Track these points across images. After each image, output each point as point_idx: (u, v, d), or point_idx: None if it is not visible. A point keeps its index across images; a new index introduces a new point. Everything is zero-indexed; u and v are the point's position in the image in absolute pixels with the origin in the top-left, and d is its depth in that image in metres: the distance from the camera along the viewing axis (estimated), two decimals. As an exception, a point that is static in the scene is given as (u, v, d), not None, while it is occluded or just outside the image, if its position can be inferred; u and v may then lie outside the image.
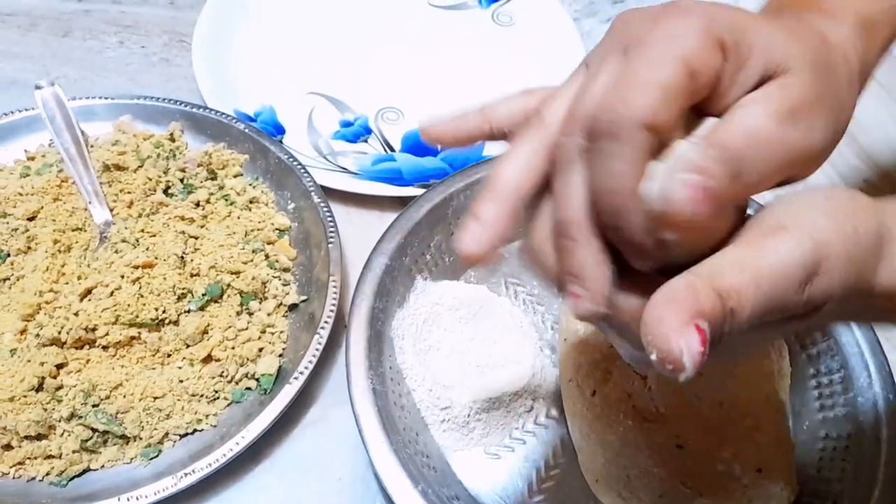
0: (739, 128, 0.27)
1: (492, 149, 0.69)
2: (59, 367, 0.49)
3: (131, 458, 0.48)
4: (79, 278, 0.52)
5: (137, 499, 0.44)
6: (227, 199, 0.60)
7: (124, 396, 0.49)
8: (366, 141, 0.70)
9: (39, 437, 0.48)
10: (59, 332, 0.49)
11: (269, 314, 0.54)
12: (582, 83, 0.31)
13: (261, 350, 0.53)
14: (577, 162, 0.29)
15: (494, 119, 0.36)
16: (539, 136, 0.32)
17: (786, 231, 0.27)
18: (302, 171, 0.61)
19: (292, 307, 0.56)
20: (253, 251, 0.56)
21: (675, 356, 0.24)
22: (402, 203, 0.62)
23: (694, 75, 0.27)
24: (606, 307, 0.28)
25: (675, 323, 0.24)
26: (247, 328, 0.53)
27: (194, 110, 0.65)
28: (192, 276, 0.54)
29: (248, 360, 0.52)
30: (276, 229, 0.59)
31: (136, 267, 0.52)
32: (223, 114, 0.65)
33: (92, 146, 0.62)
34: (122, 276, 0.51)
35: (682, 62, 0.26)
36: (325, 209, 0.58)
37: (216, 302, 0.53)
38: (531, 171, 0.31)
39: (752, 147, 0.27)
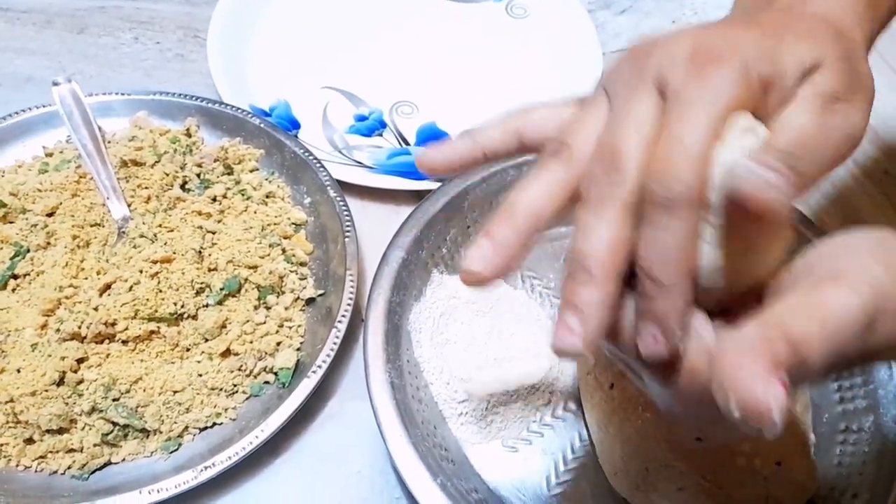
0: (788, 130, 0.29)
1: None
2: (80, 361, 0.50)
3: (152, 452, 0.49)
4: (98, 273, 0.53)
5: (158, 492, 0.45)
6: (243, 194, 0.60)
7: (144, 390, 0.49)
8: (381, 135, 0.70)
9: (61, 430, 0.48)
10: (80, 327, 0.49)
11: (286, 308, 0.54)
12: (611, 117, 0.31)
13: (279, 344, 0.53)
14: (611, 204, 0.29)
15: (488, 147, 0.36)
16: (564, 168, 0.31)
17: (843, 279, 0.26)
18: (317, 165, 0.61)
19: (309, 301, 0.56)
20: (270, 246, 0.56)
21: (763, 408, 0.23)
22: (418, 197, 0.62)
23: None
24: (592, 353, 0.28)
25: (759, 375, 0.24)
26: (265, 322, 0.53)
27: (210, 105, 0.65)
28: (209, 270, 0.54)
29: (266, 353, 0.52)
30: (293, 224, 0.60)
31: (155, 262, 0.52)
32: (238, 109, 0.65)
33: (109, 142, 0.62)
34: (141, 271, 0.52)
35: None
36: (342, 203, 0.58)
37: (234, 296, 0.54)
38: (552, 201, 0.31)
39: (803, 143, 0.29)
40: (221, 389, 0.51)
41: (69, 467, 0.48)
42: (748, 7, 0.39)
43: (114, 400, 0.49)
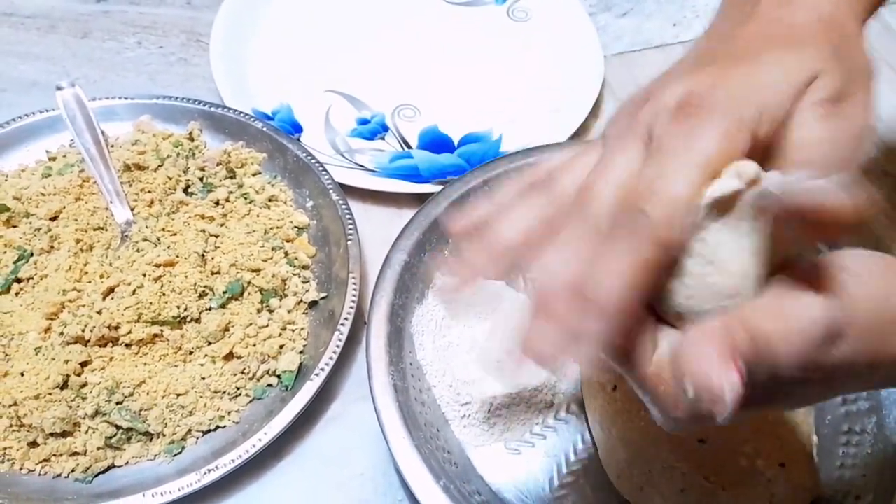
0: (797, 150, 0.30)
1: (508, 145, 0.69)
2: (84, 364, 0.50)
3: (155, 455, 0.49)
4: (101, 277, 0.53)
5: (162, 495, 0.45)
6: (246, 198, 0.60)
7: (147, 394, 0.50)
8: (383, 138, 0.70)
9: (64, 434, 0.48)
10: (83, 331, 0.50)
11: (289, 311, 0.54)
12: (597, 162, 0.31)
13: (282, 347, 0.53)
14: (574, 236, 0.29)
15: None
16: (546, 200, 0.33)
17: (825, 290, 0.27)
18: (320, 168, 0.61)
19: (312, 304, 0.56)
20: (272, 249, 0.57)
21: (716, 392, 0.24)
22: (420, 200, 0.62)
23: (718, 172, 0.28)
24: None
25: (714, 359, 0.25)
26: (267, 325, 0.53)
27: (213, 109, 0.65)
28: (212, 273, 0.54)
29: (269, 356, 0.52)
30: (296, 227, 0.60)
31: (158, 265, 0.52)
32: (241, 112, 0.65)
33: (112, 146, 0.62)
34: (144, 275, 0.52)
35: (706, 170, 0.28)
36: (344, 206, 0.59)
37: (237, 299, 0.54)
38: (528, 231, 0.32)
39: (815, 150, 0.30)
40: (224, 392, 0.51)
41: (73, 470, 0.48)
42: (734, 16, 0.38)
43: (117, 403, 0.49)
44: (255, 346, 0.52)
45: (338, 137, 0.69)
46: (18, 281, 0.53)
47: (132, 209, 0.57)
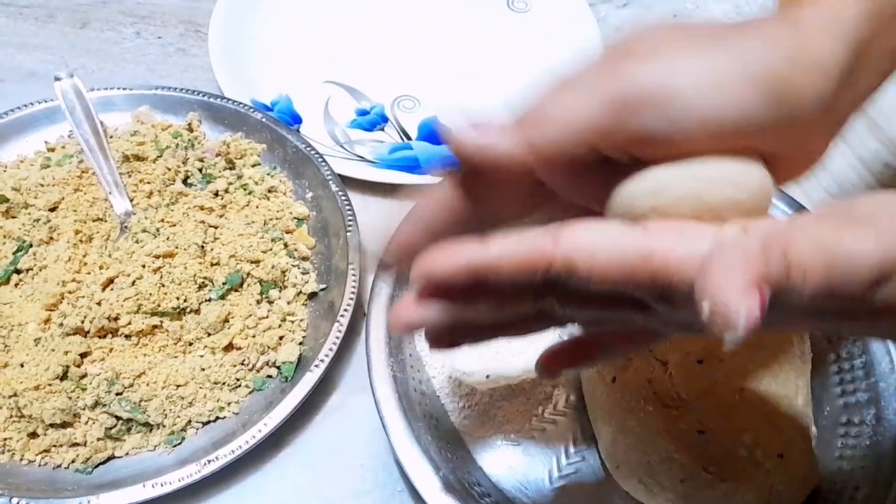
0: None
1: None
2: (83, 355, 0.50)
3: (155, 446, 0.49)
4: (101, 268, 0.53)
5: (162, 485, 0.45)
6: (245, 189, 0.60)
7: (147, 385, 0.50)
8: (382, 129, 0.70)
9: (64, 424, 0.48)
10: (83, 322, 0.50)
11: (288, 302, 0.54)
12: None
13: (281, 338, 0.53)
14: None
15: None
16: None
17: (871, 227, 0.25)
18: (319, 160, 0.61)
19: (312, 295, 0.56)
20: (272, 240, 0.57)
21: (732, 315, 0.23)
22: (420, 191, 0.62)
23: None
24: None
25: (741, 282, 0.24)
26: (267, 316, 0.53)
27: (211, 100, 0.65)
28: (212, 265, 0.54)
29: (268, 348, 0.52)
30: (295, 218, 0.60)
31: (157, 256, 0.52)
32: (240, 103, 0.65)
33: (111, 137, 0.62)
34: (144, 266, 0.52)
35: None
36: (343, 198, 0.59)
37: (236, 291, 0.54)
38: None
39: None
40: (224, 384, 0.51)
41: (73, 461, 0.48)
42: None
43: (117, 394, 0.49)
44: (254, 337, 0.52)
45: (337, 128, 0.69)
46: (18, 272, 0.53)
47: (131, 200, 0.57)
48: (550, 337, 0.52)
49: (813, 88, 0.28)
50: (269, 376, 0.52)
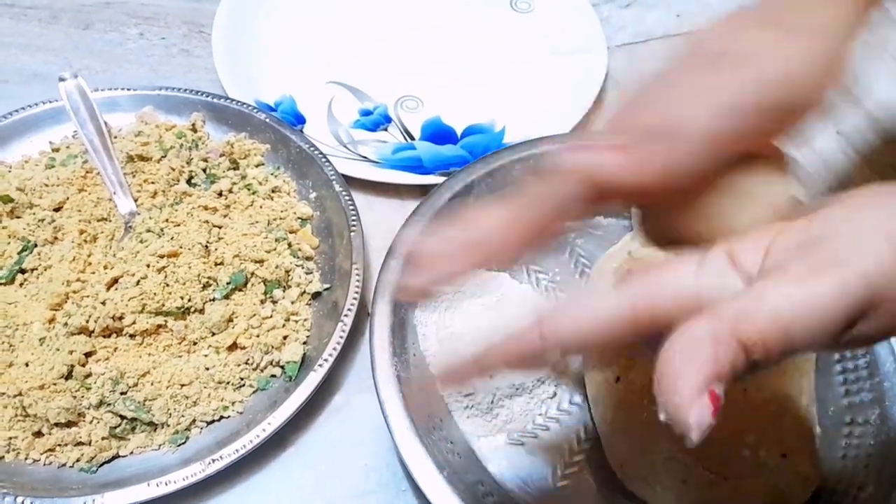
0: None
1: (511, 136, 0.69)
2: (88, 355, 0.50)
3: (159, 445, 0.49)
4: (105, 268, 0.53)
5: (167, 484, 0.45)
6: (249, 189, 0.60)
7: (152, 384, 0.50)
8: (385, 129, 0.70)
9: (69, 424, 0.48)
10: (87, 321, 0.50)
11: (292, 302, 0.55)
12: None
13: (285, 338, 0.53)
14: None
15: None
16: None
17: (837, 271, 0.25)
18: (323, 160, 0.61)
19: (315, 295, 0.56)
20: (276, 240, 0.57)
21: (685, 426, 0.24)
22: (423, 191, 0.62)
23: None
24: None
25: (688, 390, 0.24)
26: (271, 316, 0.53)
27: (215, 100, 0.65)
28: (216, 264, 0.54)
29: (272, 347, 0.52)
30: (299, 218, 0.60)
31: (162, 256, 0.52)
32: (244, 104, 0.65)
33: (115, 137, 0.62)
34: (148, 266, 0.52)
35: None
36: (347, 198, 0.59)
37: (240, 290, 0.54)
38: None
39: None
40: (228, 383, 0.51)
41: (77, 460, 0.48)
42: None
43: (121, 393, 0.49)
44: (258, 336, 0.52)
45: (340, 129, 0.69)
46: (22, 272, 0.53)
47: (135, 200, 0.58)
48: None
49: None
50: (273, 376, 0.52)
